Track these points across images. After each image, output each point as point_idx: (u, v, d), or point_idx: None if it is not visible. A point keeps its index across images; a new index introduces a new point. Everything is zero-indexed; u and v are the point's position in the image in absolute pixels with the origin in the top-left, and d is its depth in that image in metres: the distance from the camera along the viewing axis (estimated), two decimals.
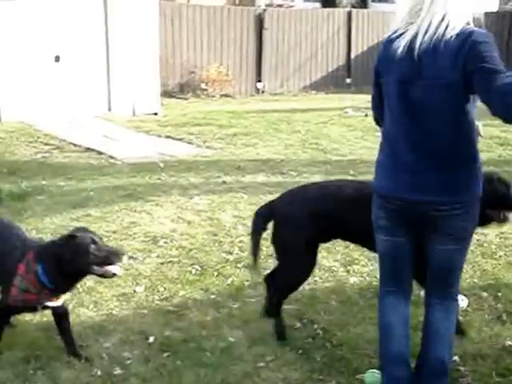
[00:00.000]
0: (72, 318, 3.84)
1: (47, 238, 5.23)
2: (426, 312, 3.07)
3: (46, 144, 9.19)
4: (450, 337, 3.02)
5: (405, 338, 3.05)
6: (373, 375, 3.31)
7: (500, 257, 5.12)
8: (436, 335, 3.01)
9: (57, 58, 11.43)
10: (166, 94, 14.16)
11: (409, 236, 2.95)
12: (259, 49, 16.07)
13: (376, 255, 3.20)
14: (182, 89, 14.95)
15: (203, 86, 14.88)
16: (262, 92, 16.02)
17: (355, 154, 8.69)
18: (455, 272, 2.99)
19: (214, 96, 14.84)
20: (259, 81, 16.11)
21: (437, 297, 3.01)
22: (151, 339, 3.69)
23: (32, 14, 10.99)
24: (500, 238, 5.53)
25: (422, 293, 3.64)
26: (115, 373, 3.35)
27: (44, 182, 7.05)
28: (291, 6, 19.91)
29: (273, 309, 3.79)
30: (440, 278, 2.98)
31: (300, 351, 3.60)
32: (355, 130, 10.41)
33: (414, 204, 2.80)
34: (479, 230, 5.60)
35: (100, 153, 8.59)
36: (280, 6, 19.73)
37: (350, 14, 17.36)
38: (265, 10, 16.50)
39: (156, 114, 12.25)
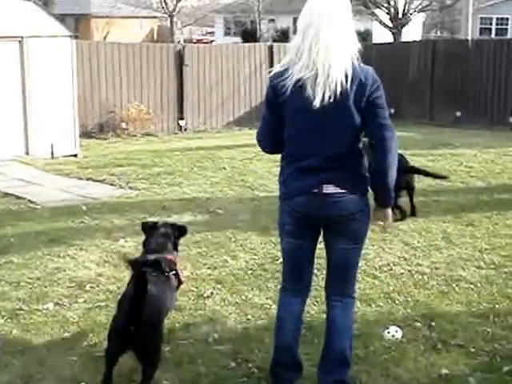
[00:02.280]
0: None
1: None
2: (327, 309, 3.62)
3: None
4: (349, 330, 3.59)
5: (294, 331, 3.60)
6: None
7: (432, 286, 5.36)
8: (337, 329, 3.55)
9: None
10: (86, 134, 14.10)
11: (311, 239, 3.49)
12: (180, 86, 16.26)
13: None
14: (101, 129, 14.92)
15: (124, 125, 14.90)
16: (185, 129, 16.17)
17: None
18: (353, 270, 3.57)
19: (135, 135, 14.87)
20: (181, 118, 16.27)
21: (336, 295, 3.56)
22: None
23: None
24: (431, 268, 5.79)
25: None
26: None
27: None
28: (211, 41, 20.26)
29: None
30: (339, 276, 3.55)
31: None
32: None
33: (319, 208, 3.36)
34: (412, 260, 5.91)
35: (19, 197, 8.49)
36: (199, 41, 20.06)
37: (271, 49, 17.81)
38: (184, 47, 16.77)
39: (76, 155, 12.19)
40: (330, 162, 3.32)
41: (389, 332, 4.39)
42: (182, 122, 16.21)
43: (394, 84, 18.46)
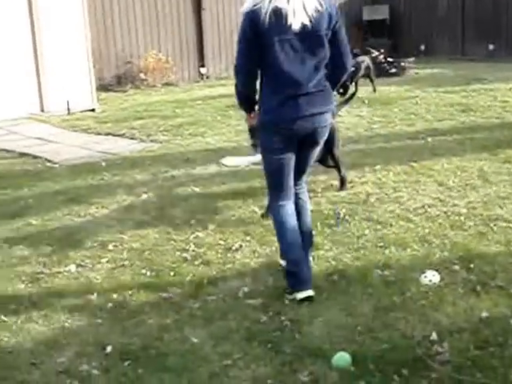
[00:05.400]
0: (21, 335, 3.88)
1: None
2: (296, 198, 4.38)
3: None
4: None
5: (296, 228, 4.29)
6: (341, 357, 3.43)
7: (469, 227, 5.28)
8: (306, 209, 4.51)
9: None
10: (103, 87, 14.07)
11: (294, 151, 4.17)
12: (200, 31, 16.07)
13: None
14: (119, 81, 14.86)
15: (142, 76, 14.82)
16: (207, 77, 16.03)
17: None
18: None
19: (154, 86, 14.79)
20: (202, 66, 16.11)
21: (301, 185, 4.46)
22: (109, 349, 3.71)
23: None
24: (468, 208, 5.71)
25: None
26: None
27: None
28: None
29: None
30: (305, 170, 4.42)
31: (269, 345, 3.66)
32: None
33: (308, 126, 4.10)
34: (448, 200, 5.85)
35: (35, 157, 8.53)
36: None
37: None
38: None
39: (93, 110, 12.17)
40: (313, 87, 4.03)
41: (426, 276, 4.36)
42: (202, 70, 16.07)
43: (423, 20, 18.18)
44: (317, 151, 4.40)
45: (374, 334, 3.73)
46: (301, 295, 4.15)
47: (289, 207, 4.31)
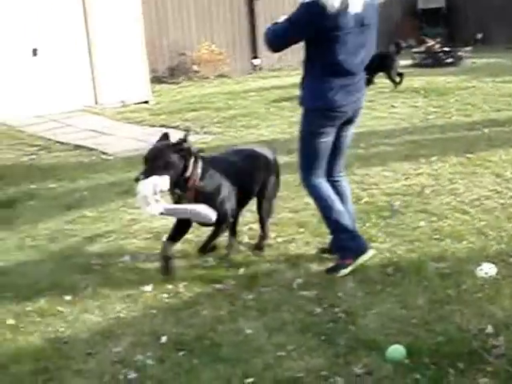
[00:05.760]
0: (77, 325, 3.96)
1: (42, 244, 5.36)
2: (339, 185, 4.63)
3: (31, 145, 9.28)
4: None
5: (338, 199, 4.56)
6: (396, 350, 3.41)
7: None
8: (348, 197, 4.74)
9: (34, 52, 11.51)
10: (156, 80, 14.23)
11: (334, 133, 4.43)
12: (252, 22, 16.08)
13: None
14: (172, 73, 15.01)
15: (195, 67, 14.93)
16: (260, 69, 16.05)
17: (365, 125, 8.67)
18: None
19: (207, 77, 14.89)
20: (255, 57, 16.12)
21: (341, 171, 4.70)
22: (164, 339, 3.77)
23: (5, 8, 11.06)
24: None
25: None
26: (129, 377, 3.44)
27: (33, 186, 7.14)
28: None
29: None
30: (344, 152, 4.67)
31: (322, 337, 3.67)
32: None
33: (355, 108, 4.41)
34: (505, 192, 5.74)
35: (90, 149, 8.68)
36: None
37: None
38: None
39: (147, 102, 12.32)
40: (362, 75, 4.38)
41: (482, 269, 4.30)
42: (255, 61, 16.07)
43: (480, 8, 17.81)
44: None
45: (429, 326, 3.70)
46: (367, 255, 4.45)
47: (325, 182, 4.55)
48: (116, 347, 3.73)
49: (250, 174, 4.72)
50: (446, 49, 14.59)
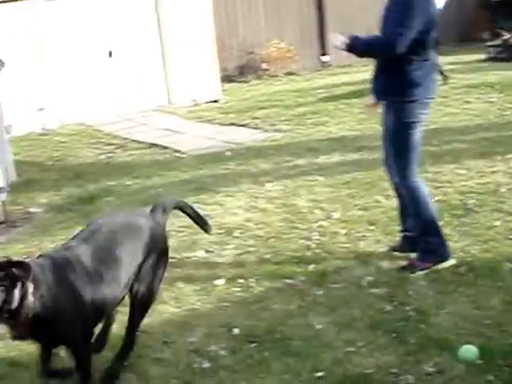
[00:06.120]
0: (154, 316, 4.10)
1: None
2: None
3: (108, 144, 9.58)
4: None
5: None
6: (468, 350, 3.40)
7: None
8: None
9: (110, 54, 11.83)
10: (226, 78, 14.36)
11: None
12: (321, 19, 16.05)
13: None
14: (241, 71, 15.12)
15: (264, 65, 15.01)
16: (329, 65, 16.00)
17: (438, 122, 8.58)
18: None
19: (276, 75, 14.95)
20: (324, 54, 16.10)
21: None
22: (236, 331, 3.88)
23: (82, 11, 11.41)
24: None
25: None
26: (203, 366, 3.56)
27: (111, 183, 7.40)
28: None
29: None
30: None
31: (393, 335, 3.69)
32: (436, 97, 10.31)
33: None
34: None
35: (164, 147, 8.90)
36: None
37: None
38: None
39: (217, 101, 12.49)
40: None
41: None
42: (324, 58, 16.05)
43: None
44: None
45: (504, 328, 3.66)
46: (447, 263, 4.43)
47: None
48: (191, 337, 3.86)
49: (119, 265, 3.37)
50: None
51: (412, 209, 4.48)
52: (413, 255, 4.55)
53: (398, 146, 4.39)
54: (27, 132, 10.68)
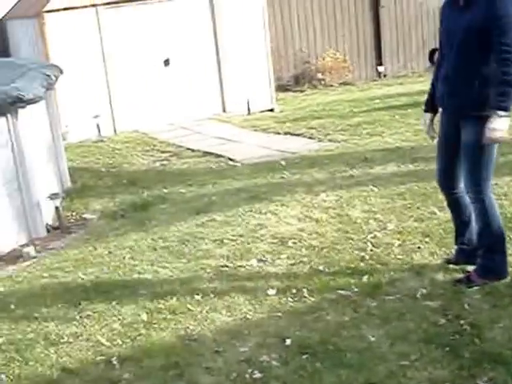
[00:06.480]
0: (206, 324, 4.14)
1: (174, 245, 5.61)
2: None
3: (162, 152, 9.72)
4: None
5: None
6: None
7: None
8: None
9: (166, 62, 11.99)
10: (281, 87, 14.42)
11: None
12: (377, 29, 15.99)
13: None
14: (297, 81, 15.16)
15: (320, 75, 15.01)
16: (384, 76, 15.92)
17: None
18: None
19: (332, 85, 14.93)
20: (380, 64, 16.02)
21: None
22: (288, 342, 3.87)
23: (139, 20, 11.60)
24: None
25: None
26: (255, 376, 3.56)
27: (165, 190, 7.49)
28: None
29: None
30: None
31: (447, 348, 3.64)
32: None
33: None
34: None
35: (218, 156, 8.97)
36: None
37: None
38: None
39: (272, 110, 12.53)
40: None
41: None
42: (380, 68, 15.97)
43: None
44: None
45: None
46: (504, 280, 4.32)
47: None
48: (242, 347, 3.87)
49: None
50: None
51: (481, 224, 4.34)
52: (469, 268, 4.48)
53: (477, 161, 4.25)
54: (83, 139, 10.89)
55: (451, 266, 4.66)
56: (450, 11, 4.25)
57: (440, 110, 4.45)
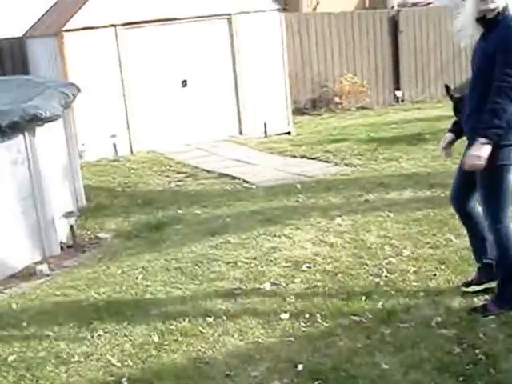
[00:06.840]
0: (218, 347, 4.11)
1: (187, 267, 5.60)
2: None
3: (178, 172, 9.75)
4: None
5: None
6: None
7: None
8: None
9: (184, 83, 12.07)
10: (298, 111, 14.47)
11: None
12: (395, 54, 16.03)
13: None
14: (314, 104, 15.21)
15: (337, 99, 15.05)
16: (402, 101, 15.94)
17: None
18: None
19: (349, 109, 14.96)
20: (398, 89, 16.04)
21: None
22: (300, 367, 3.83)
23: (157, 41, 11.71)
24: None
25: None
26: None
27: (180, 211, 7.50)
28: (428, 3, 19.67)
29: None
30: None
31: (461, 378, 3.60)
32: None
33: None
34: None
35: (234, 178, 8.98)
36: (414, 4, 19.55)
37: None
38: (399, 11, 16.45)
39: (289, 133, 12.56)
40: None
41: None
42: (398, 93, 16.00)
43: None
44: None
45: None
46: None
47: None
48: (254, 371, 3.84)
49: None
50: None
51: (498, 254, 4.30)
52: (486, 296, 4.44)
53: (492, 189, 4.21)
54: (99, 158, 10.97)
55: (466, 293, 4.61)
56: (478, 45, 4.31)
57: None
